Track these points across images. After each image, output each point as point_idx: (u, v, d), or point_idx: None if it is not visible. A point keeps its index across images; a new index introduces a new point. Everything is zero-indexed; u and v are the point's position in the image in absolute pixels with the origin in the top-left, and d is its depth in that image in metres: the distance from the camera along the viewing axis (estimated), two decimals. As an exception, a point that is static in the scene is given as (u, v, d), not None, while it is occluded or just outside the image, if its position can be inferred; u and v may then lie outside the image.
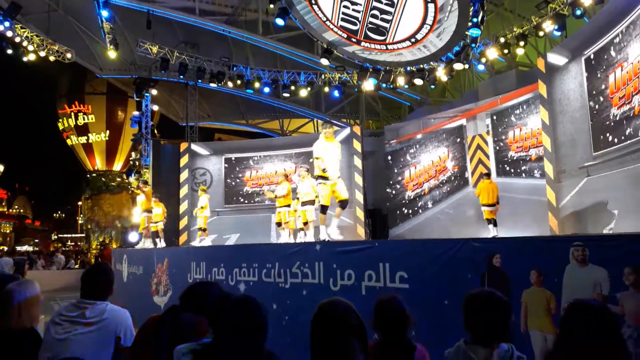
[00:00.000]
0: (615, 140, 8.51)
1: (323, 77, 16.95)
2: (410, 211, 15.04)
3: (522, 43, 12.97)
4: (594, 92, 9.20)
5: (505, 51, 13.35)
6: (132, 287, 10.54)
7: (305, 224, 10.90)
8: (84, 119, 37.93)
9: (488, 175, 11.50)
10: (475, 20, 11.37)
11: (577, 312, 1.97)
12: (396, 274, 4.52)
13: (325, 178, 7.30)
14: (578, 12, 11.34)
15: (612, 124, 8.63)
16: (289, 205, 11.22)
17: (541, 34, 12.50)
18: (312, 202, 10.84)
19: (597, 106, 9.11)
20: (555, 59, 10.48)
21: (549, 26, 12.08)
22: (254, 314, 2.00)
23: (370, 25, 12.63)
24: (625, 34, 8.30)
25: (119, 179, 34.40)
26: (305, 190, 10.78)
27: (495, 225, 10.77)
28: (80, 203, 39.10)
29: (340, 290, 5.04)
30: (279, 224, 11.52)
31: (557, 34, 12.14)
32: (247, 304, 2.04)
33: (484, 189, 10.97)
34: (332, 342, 1.91)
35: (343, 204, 7.53)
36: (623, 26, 8.35)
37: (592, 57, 9.35)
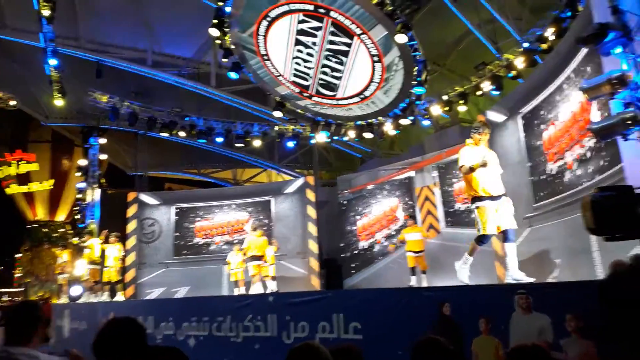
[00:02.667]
0: (553, 193, 9.04)
1: (277, 128, 17.18)
2: (364, 261, 15.12)
3: (463, 101, 13.73)
4: (531, 148, 9.82)
5: (447, 108, 14.06)
6: (75, 344, 9.91)
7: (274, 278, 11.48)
8: (26, 168, 36.30)
9: (413, 218, 12.36)
10: (419, 79, 12.04)
11: (517, 358, 2.07)
12: (350, 324, 4.54)
13: (483, 198, 5.24)
14: (511, 75, 12.21)
15: (549, 177, 9.19)
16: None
17: (480, 93, 13.30)
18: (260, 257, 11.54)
19: (534, 161, 9.71)
20: (495, 116, 11.14)
21: (487, 86, 12.88)
22: None
23: (321, 82, 13.09)
24: (555, 95, 9.02)
25: (61, 230, 32.79)
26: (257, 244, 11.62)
27: (414, 274, 10.75)
28: (19, 255, 36.66)
29: (294, 343, 4.98)
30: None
31: (495, 93, 12.96)
32: (173, 353, 2.04)
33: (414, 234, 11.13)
34: None
35: (505, 235, 5.46)
36: (553, 87, 9.07)
37: (527, 115, 10.04)
